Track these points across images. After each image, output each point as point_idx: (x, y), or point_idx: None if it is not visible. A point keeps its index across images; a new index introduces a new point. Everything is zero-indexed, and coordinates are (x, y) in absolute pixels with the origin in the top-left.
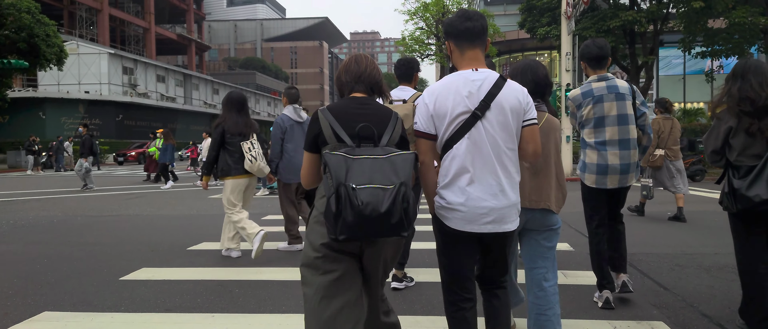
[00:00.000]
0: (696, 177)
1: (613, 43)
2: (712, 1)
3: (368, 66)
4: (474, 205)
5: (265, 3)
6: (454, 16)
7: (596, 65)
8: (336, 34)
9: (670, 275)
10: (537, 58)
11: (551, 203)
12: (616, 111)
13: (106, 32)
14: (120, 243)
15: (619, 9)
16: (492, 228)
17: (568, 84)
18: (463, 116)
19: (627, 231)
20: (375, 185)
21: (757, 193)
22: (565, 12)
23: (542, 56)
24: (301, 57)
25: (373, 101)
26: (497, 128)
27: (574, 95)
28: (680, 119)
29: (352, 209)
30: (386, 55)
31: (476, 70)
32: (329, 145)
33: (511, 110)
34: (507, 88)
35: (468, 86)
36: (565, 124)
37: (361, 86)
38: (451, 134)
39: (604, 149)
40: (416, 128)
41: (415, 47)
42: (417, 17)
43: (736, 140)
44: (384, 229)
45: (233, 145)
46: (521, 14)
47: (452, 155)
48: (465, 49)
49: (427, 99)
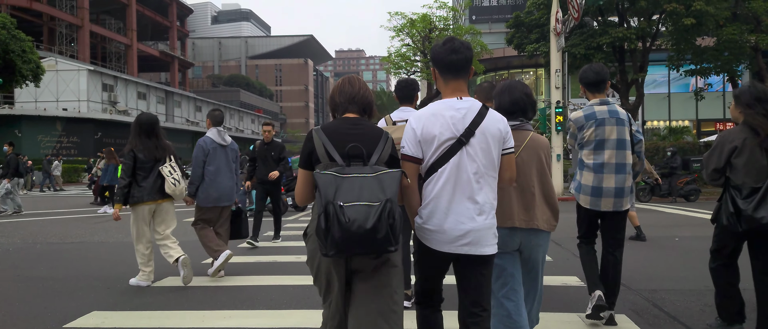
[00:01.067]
0: (690, 197)
1: (603, 61)
2: (703, 18)
3: (361, 88)
4: (452, 227)
5: (250, 21)
6: (441, 46)
7: (595, 89)
8: (321, 51)
9: (701, 317)
10: (522, 76)
11: (540, 222)
12: (615, 136)
13: (87, 49)
14: (75, 277)
15: (609, 26)
16: (468, 250)
17: (558, 101)
18: (449, 141)
19: (641, 263)
20: (362, 202)
21: (764, 215)
22: (554, 28)
23: (528, 74)
24: (286, 74)
25: (365, 121)
26: (480, 155)
27: (576, 117)
28: (666, 137)
29: (339, 225)
30: (371, 73)
31: (461, 98)
32: (322, 163)
33: (492, 137)
34: (489, 117)
35: (453, 113)
36: (555, 142)
37: (354, 106)
38: (437, 158)
39: (601, 171)
40: (403, 151)
41: (401, 64)
42: (403, 34)
43: (740, 160)
44: (371, 245)
45: (145, 170)
46: (509, 31)
47: (435, 178)
48: (449, 79)
49: (415, 125)
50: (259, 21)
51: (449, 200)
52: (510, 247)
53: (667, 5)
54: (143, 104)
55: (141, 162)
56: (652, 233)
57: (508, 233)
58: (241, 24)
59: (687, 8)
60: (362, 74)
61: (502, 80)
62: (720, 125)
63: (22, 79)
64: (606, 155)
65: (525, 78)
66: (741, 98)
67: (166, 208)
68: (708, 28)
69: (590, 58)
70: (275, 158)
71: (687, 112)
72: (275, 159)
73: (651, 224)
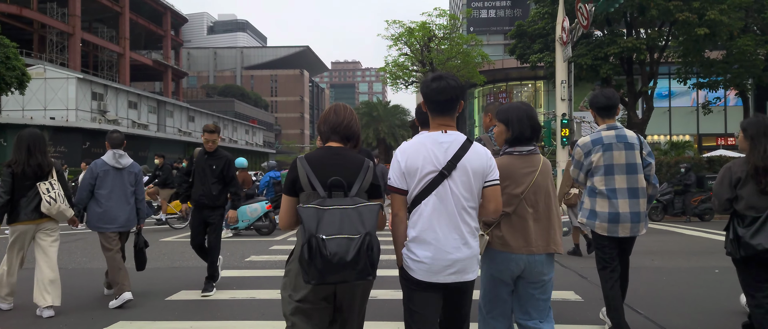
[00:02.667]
0: (705, 216)
1: (610, 72)
2: (717, 28)
3: (345, 118)
4: (439, 257)
5: (246, 31)
6: (430, 83)
7: (605, 114)
8: (317, 63)
9: None
10: (521, 89)
11: (555, 245)
12: (624, 160)
13: (78, 57)
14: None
15: (617, 36)
16: (455, 278)
17: (564, 114)
18: (431, 174)
19: (664, 288)
20: (343, 235)
21: (761, 242)
22: (560, 37)
23: (526, 87)
24: (281, 85)
25: (347, 150)
26: (461, 188)
27: (583, 142)
28: (668, 152)
29: (321, 258)
30: (367, 84)
31: (445, 132)
32: (305, 192)
33: (473, 171)
34: (472, 151)
35: (437, 147)
36: (560, 157)
37: (336, 136)
38: (420, 190)
39: (615, 197)
40: (390, 183)
41: (398, 74)
42: (401, 43)
43: (743, 191)
44: (350, 275)
45: (24, 188)
46: (509, 42)
47: (420, 210)
48: (436, 114)
49: (400, 157)
50: (255, 32)
51: (434, 231)
52: (511, 274)
53: (679, 15)
54: (134, 113)
55: (20, 179)
56: (685, 262)
57: (524, 258)
58: (237, 34)
59: (700, 18)
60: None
61: (500, 94)
62: (721, 139)
63: (6, 86)
64: (616, 181)
65: (523, 91)
66: (748, 130)
67: (48, 229)
68: (721, 39)
69: (597, 69)
70: (217, 173)
71: (688, 126)
72: (217, 176)
73: (677, 249)
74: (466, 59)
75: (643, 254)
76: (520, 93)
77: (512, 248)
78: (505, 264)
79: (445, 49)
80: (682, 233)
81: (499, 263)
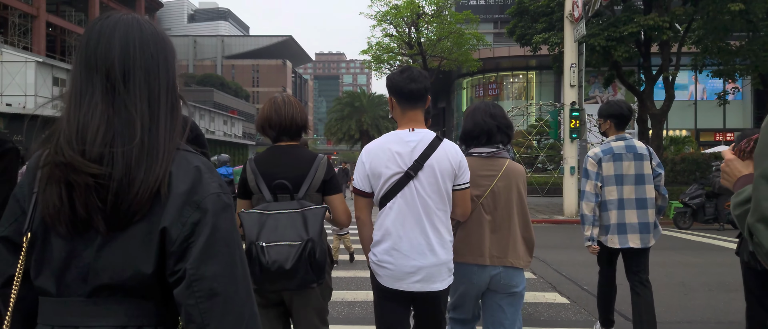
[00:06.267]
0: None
1: (626, 55)
2: (752, 5)
3: (287, 114)
4: (402, 263)
5: (228, 20)
6: (399, 75)
7: (621, 126)
8: (300, 53)
9: None
10: (511, 79)
11: (515, 258)
12: (633, 171)
13: (42, 40)
14: None
15: (635, 13)
16: (420, 287)
17: (573, 102)
18: (397, 175)
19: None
20: (285, 241)
21: None
22: (570, 13)
23: (517, 78)
24: (263, 76)
25: (297, 148)
26: (428, 189)
27: (594, 153)
28: (667, 147)
29: (260, 266)
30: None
31: (412, 130)
32: (254, 195)
33: (441, 172)
34: (440, 150)
35: (402, 146)
36: (569, 153)
37: (284, 136)
38: (386, 192)
39: (624, 208)
40: (354, 185)
41: (383, 57)
42: (386, 22)
43: None
44: (290, 284)
45: None
46: (511, 19)
47: (385, 213)
48: (406, 109)
49: (364, 158)
50: (237, 21)
51: (398, 235)
52: (478, 286)
53: None
54: None
55: None
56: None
57: (478, 269)
58: (219, 23)
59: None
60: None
61: (490, 85)
62: (719, 135)
63: None
64: (625, 191)
65: (514, 81)
66: None
67: None
68: (758, 18)
69: (610, 51)
70: None
71: (685, 121)
72: None
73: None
74: (459, 41)
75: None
76: (510, 85)
77: (465, 257)
78: (466, 275)
79: (435, 28)
80: (714, 244)
81: (459, 274)
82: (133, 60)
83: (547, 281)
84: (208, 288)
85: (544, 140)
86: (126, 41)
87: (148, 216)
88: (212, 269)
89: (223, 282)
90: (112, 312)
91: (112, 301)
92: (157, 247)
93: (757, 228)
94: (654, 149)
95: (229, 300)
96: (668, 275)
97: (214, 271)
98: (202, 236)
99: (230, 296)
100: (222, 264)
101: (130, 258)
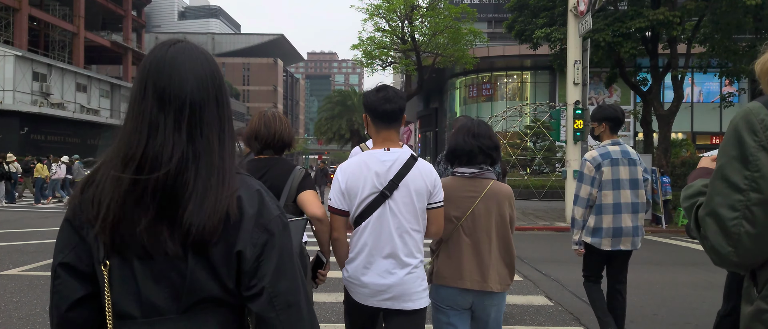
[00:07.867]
0: None
1: (632, 51)
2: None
3: (277, 130)
4: (374, 281)
5: (219, 18)
6: (375, 94)
7: (615, 129)
8: (292, 52)
9: None
10: (505, 79)
11: (495, 283)
12: (628, 175)
13: (24, 35)
14: None
15: (642, 7)
16: (391, 305)
17: (577, 101)
18: (372, 195)
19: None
20: None
21: None
22: (574, 7)
23: (512, 78)
24: (254, 74)
25: (277, 160)
26: (402, 209)
27: (592, 156)
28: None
29: None
30: (343, 76)
31: (388, 150)
32: None
33: (415, 191)
34: (415, 169)
35: (378, 166)
36: (572, 156)
37: (269, 150)
38: (361, 211)
39: (620, 212)
40: (330, 204)
41: (374, 53)
42: (378, 16)
43: None
44: None
45: None
46: (510, 14)
47: (359, 231)
48: (380, 128)
49: (340, 176)
50: (228, 19)
51: (370, 253)
52: (461, 306)
53: None
54: (83, 96)
55: None
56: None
57: (459, 292)
58: (210, 21)
59: None
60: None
61: (483, 85)
62: (715, 138)
63: None
64: (622, 195)
65: (508, 81)
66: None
67: None
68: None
69: (615, 48)
70: None
71: (681, 124)
72: None
73: None
74: (455, 36)
75: None
76: (504, 85)
77: (445, 280)
78: (448, 298)
79: (430, 21)
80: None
81: (443, 296)
82: (207, 92)
83: (566, 310)
84: (285, 301)
85: (541, 141)
86: (198, 74)
87: (223, 237)
88: (285, 284)
89: (294, 293)
90: (208, 324)
91: (208, 313)
92: (235, 266)
93: (706, 222)
94: (662, 151)
95: (301, 308)
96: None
97: (287, 286)
98: (273, 256)
99: (301, 305)
100: (291, 278)
101: (216, 276)
